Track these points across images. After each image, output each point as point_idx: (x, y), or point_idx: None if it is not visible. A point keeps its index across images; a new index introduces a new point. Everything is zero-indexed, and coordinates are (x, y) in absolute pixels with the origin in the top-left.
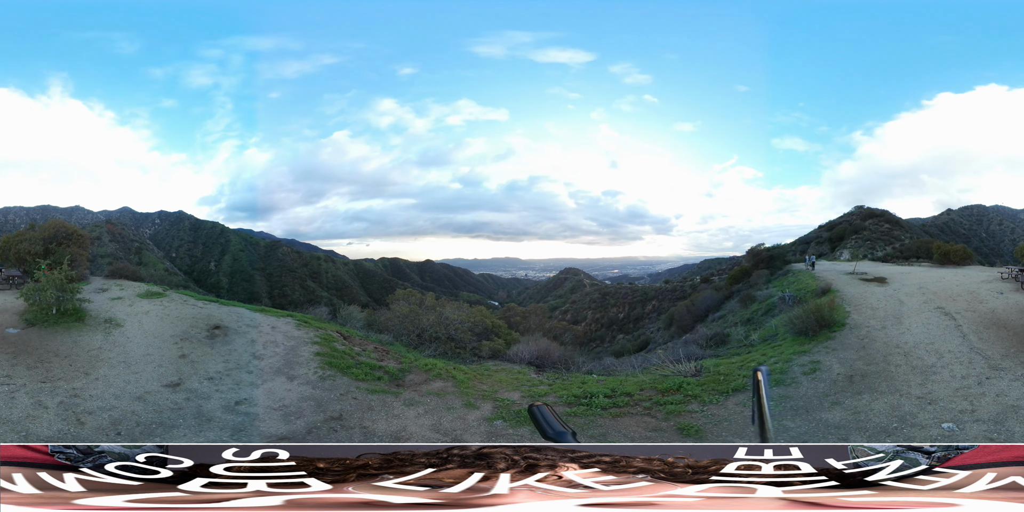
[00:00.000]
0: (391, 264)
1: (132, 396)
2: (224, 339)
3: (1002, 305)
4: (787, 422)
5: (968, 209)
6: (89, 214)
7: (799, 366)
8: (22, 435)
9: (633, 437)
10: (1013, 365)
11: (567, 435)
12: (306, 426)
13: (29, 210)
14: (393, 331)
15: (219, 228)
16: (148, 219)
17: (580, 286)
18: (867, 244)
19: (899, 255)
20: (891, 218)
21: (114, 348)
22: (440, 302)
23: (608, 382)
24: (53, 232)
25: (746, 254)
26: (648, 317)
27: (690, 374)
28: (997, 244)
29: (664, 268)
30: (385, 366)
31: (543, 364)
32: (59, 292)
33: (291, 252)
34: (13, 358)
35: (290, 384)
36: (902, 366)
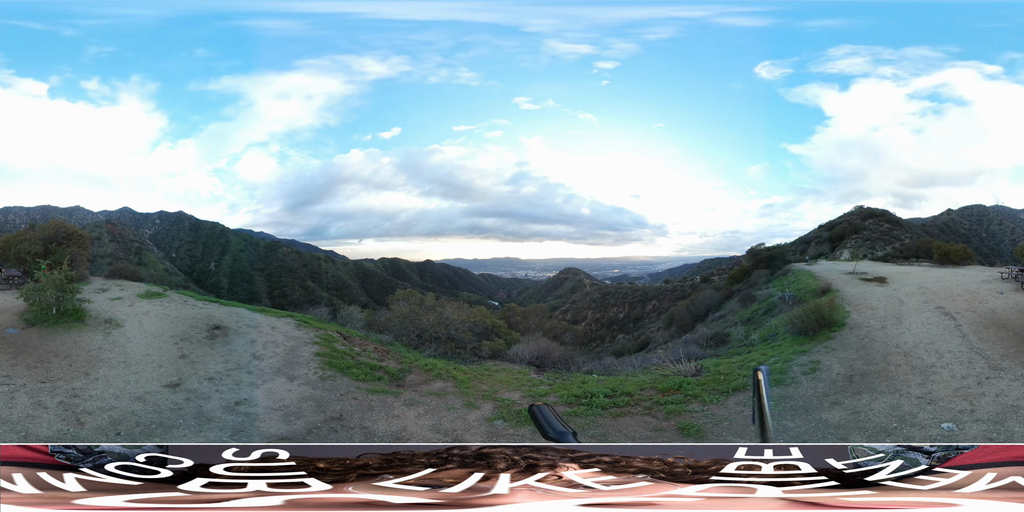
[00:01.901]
0: (391, 264)
1: (132, 396)
2: (224, 339)
3: (1002, 305)
4: (787, 422)
5: (968, 209)
6: (89, 214)
7: (799, 366)
8: (22, 435)
9: (633, 437)
10: (1013, 365)
11: (567, 435)
12: (306, 426)
13: (29, 210)
14: (393, 331)
15: (219, 228)
16: (148, 219)
17: (580, 286)
18: (867, 244)
19: (899, 255)
20: (891, 218)
21: (114, 348)
22: (440, 302)
23: (608, 382)
24: (53, 232)
25: (746, 254)
26: (648, 317)
27: (690, 374)
28: (997, 244)
29: (664, 268)
30: (385, 366)
31: (543, 364)
32: (59, 292)
33: (291, 252)
34: (13, 358)
35: (290, 384)
36: (902, 366)
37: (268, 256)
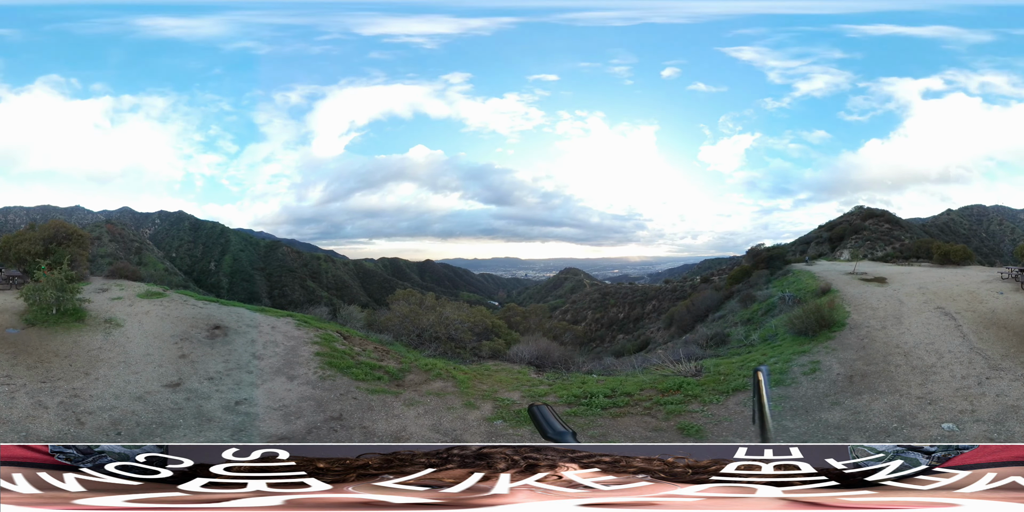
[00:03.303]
0: (391, 264)
1: (132, 396)
2: (224, 339)
3: (1002, 305)
4: (787, 422)
5: (968, 209)
6: (89, 214)
7: (799, 366)
8: (22, 435)
9: (633, 437)
10: (1013, 365)
11: (567, 435)
12: (306, 426)
13: (29, 210)
14: (393, 331)
15: (219, 228)
16: (148, 219)
17: (580, 286)
18: (867, 244)
19: (899, 255)
20: (891, 218)
21: (114, 348)
22: (440, 302)
23: (608, 382)
24: (53, 232)
25: (746, 254)
26: (648, 317)
27: (690, 374)
28: (997, 244)
29: (664, 268)
30: (385, 366)
31: (543, 364)
32: (59, 292)
33: (291, 252)
34: (13, 358)
35: (290, 384)
36: (902, 366)
37: (268, 256)
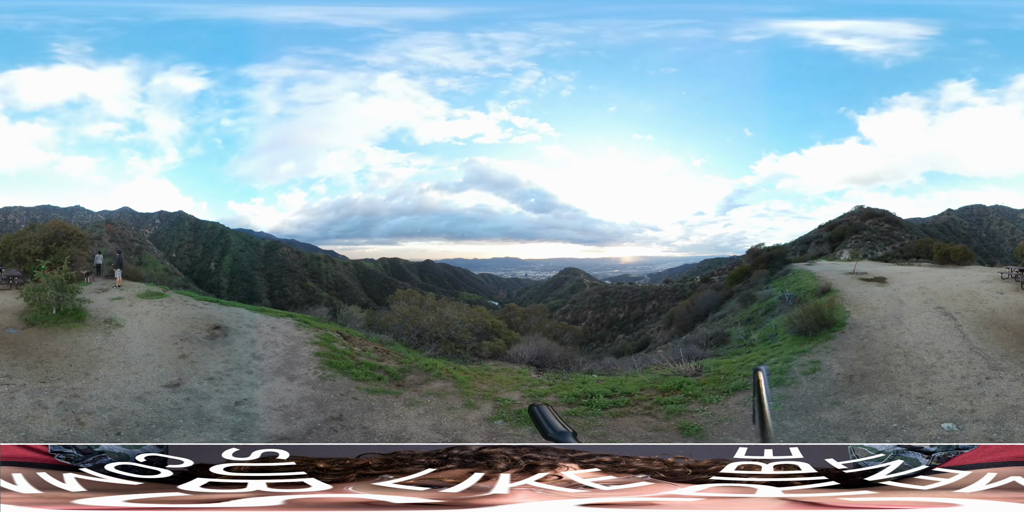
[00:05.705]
0: (391, 264)
1: (132, 396)
2: (224, 339)
3: (1002, 305)
4: (787, 422)
5: (968, 209)
6: (89, 214)
7: (799, 366)
8: (22, 435)
9: (633, 437)
10: (1013, 365)
11: (567, 435)
12: (306, 426)
13: (29, 210)
14: (393, 331)
15: (219, 228)
16: (148, 219)
17: (580, 286)
18: (867, 244)
19: (899, 255)
20: (891, 218)
21: (114, 348)
22: (440, 302)
23: (608, 382)
24: (53, 232)
25: (746, 254)
26: (648, 317)
27: (690, 374)
28: (997, 244)
29: (664, 268)
30: (385, 366)
31: (543, 364)
32: (59, 292)
33: (291, 252)
34: (13, 358)
35: (290, 384)
36: (902, 366)
37: (268, 256)
